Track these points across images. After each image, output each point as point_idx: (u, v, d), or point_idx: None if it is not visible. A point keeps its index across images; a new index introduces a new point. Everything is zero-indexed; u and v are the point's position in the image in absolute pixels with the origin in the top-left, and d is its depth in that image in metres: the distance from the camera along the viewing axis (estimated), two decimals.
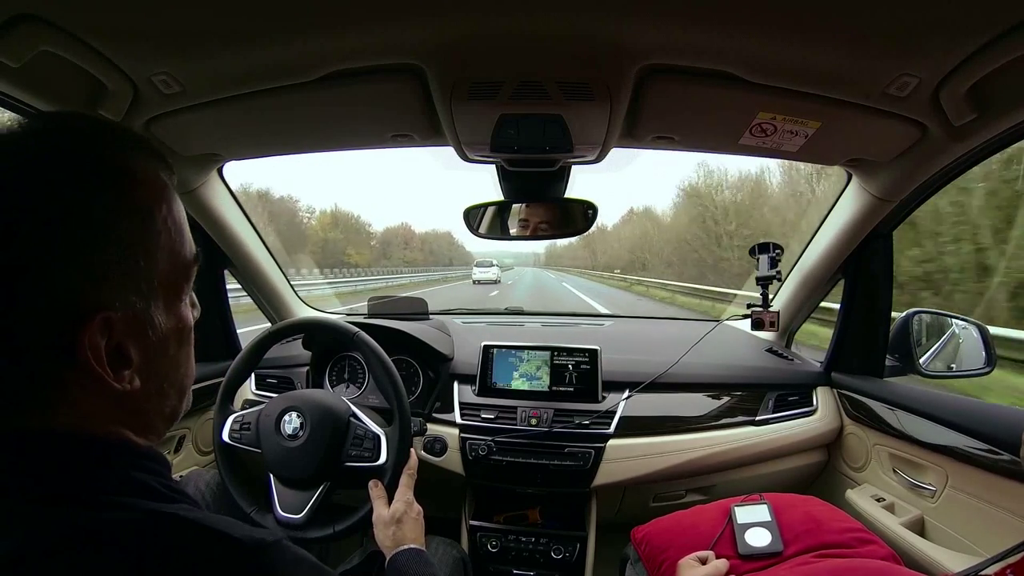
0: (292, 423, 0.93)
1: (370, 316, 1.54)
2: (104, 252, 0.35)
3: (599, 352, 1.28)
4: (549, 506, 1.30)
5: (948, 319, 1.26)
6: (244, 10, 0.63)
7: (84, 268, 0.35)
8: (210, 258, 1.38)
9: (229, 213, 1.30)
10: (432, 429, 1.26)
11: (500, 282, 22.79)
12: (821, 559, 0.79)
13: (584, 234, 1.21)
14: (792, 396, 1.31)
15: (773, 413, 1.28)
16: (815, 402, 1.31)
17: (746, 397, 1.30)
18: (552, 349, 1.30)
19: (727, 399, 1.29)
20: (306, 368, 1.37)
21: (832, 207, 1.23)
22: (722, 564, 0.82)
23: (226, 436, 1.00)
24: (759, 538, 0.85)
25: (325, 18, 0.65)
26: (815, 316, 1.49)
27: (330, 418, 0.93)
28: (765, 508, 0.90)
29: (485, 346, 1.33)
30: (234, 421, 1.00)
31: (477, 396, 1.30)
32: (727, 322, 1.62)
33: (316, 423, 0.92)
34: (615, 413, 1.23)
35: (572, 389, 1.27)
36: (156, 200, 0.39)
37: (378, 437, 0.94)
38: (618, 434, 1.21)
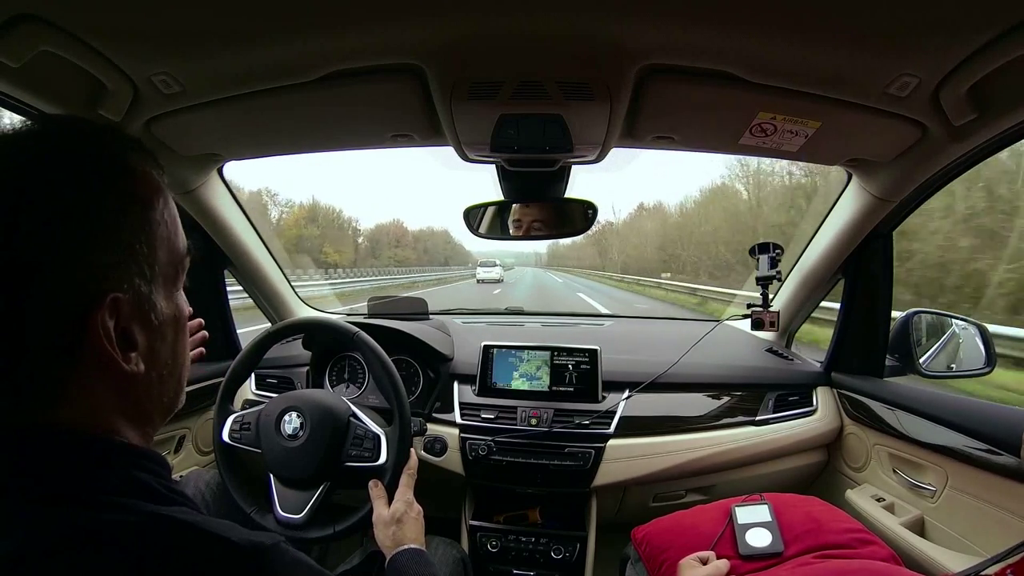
0: (292, 423, 0.93)
1: (370, 316, 1.54)
2: (112, 238, 0.38)
3: (599, 352, 1.28)
4: (549, 506, 1.30)
5: (948, 319, 1.26)
6: (244, 10, 0.63)
7: (92, 255, 0.37)
8: (210, 258, 1.38)
9: (229, 213, 1.30)
10: (432, 429, 1.26)
11: (503, 281, 23.57)
12: (822, 560, 0.79)
13: (586, 233, 1.21)
14: (792, 396, 1.31)
15: (773, 413, 1.28)
16: (815, 402, 1.31)
17: (746, 397, 1.30)
18: (552, 349, 1.30)
19: (727, 399, 1.29)
20: (306, 368, 1.37)
21: (832, 207, 1.23)
22: (723, 564, 0.82)
23: (226, 436, 1.00)
24: (760, 538, 0.85)
25: (325, 18, 0.65)
26: (813, 316, 1.49)
27: (330, 418, 0.93)
28: (766, 508, 0.90)
29: (485, 346, 1.33)
30: (234, 421, 1.00)
31: (477, 396, 1.30)
32: (727, 322, 1.62)
33: (316, 423, 0.92)
34: (615, 413, 1.23)
35: (572, 389, 1.27)
36: (154, 194, 0.42)
37: (378, 437, 0.94)
38: (618, 434, 1.21)
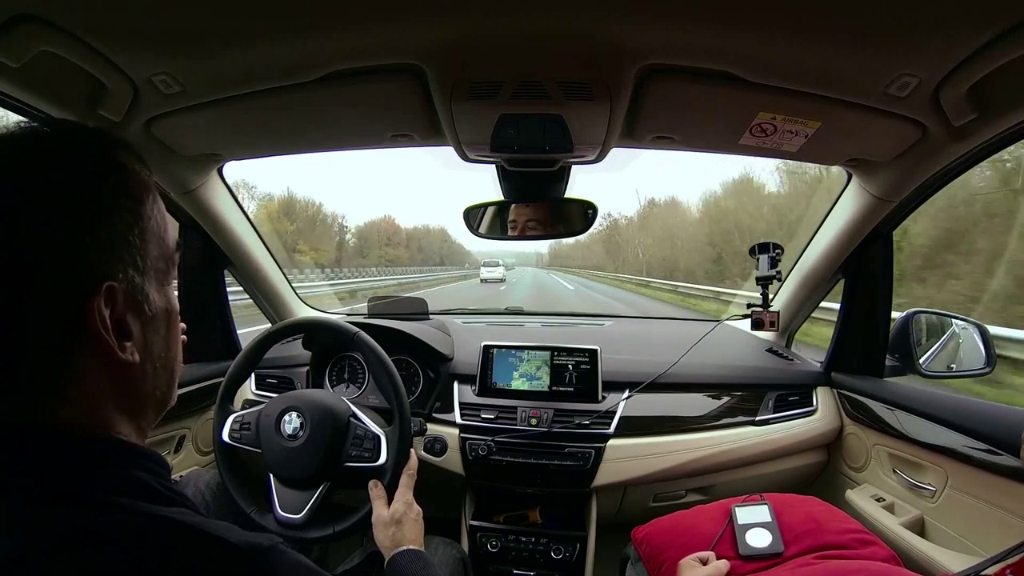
0: (292, 423, 0.93)
1: (370, 316, 1.54)
2: (106, 230, 0.39)
3: (599, 352, 1.28)
4: (549, 506, 1.29)
5: (948, 319, 1.26)
6: (244, 10, 0.63)
7: (88, 247, 0.38)
8: (210, 258, 1.38)
9: (229, 213, 1.30)
10: (432, 429, 1.26)
11: (505, 280, 24.34)
12: (822, 560, 0.79)
13: (588, 232, 1.20)
14: (792, 396, 1.31)
15: (773, 413, 1.28)
16: (815, 402, 1.31)
17: (746, 397, 1.30)
18: (552, 349, 1.30)
19: (727, 399, 1.29)
20: (306, 368, 1.37)
21: (832, 207, 1.23)
22: (723, 564, 0.82)
23: (226, 436, 0.99)
24: (760, 539, 0.85)
25: (325, 18, 0.65)
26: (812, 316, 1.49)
27: (330, 418, 0.93)
28: (766, 509, 0.90)
29: (485, 346, 1.33)
30: (234, 421, 1.00)
31: (477, 396, 1.30)
32: (727, 322, 1.62)
33: (316, 423, 0.92)
34: (615, 413, 1.23)
35: (572, 389, 1.27)
36: (145, 191, 0.44)
37: (378, 437, 0.94)
38: (618, 434, 1.21)
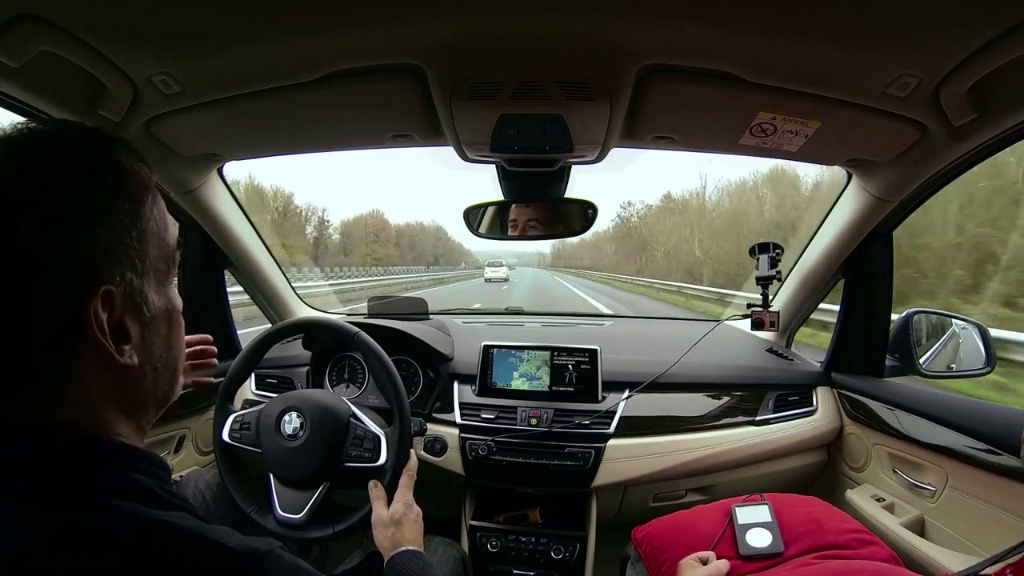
0: (292, 423, 0.93)
1: (370, 316, 1.54)
2: (104, 232, 0.39)
3: (599, 352, 1.28)
4: (549, 506, 1.29)
5: (948, 319, 1.26)
6: (244, 10, 0.63)
7: (86, 249, 0.38)
8: (210, 258, 1.38)
9: (229, 213, 1.30)
10: (432, 429, 1.26)
11: (509, 280, 25.50)
12: (822, 560, 0.79)
13: (585, 233, 1.20)
14: (792, 396, 1.30)
15: (773, 413, 1.28)
16: (815, 402, 1.31)
17: (746, 397, 1.30)
18: (552, 349, 1.30)
19: (727, 399, 1.29)
20: (306, 368, 1.37)
21: (832, 207, 1.23)
22: (723, 564, 0.82)
23: (226, 436, 0.99)
24: (760, 539, 0.85)
25: (325, 18, 0.65)
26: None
27: (330, 418, 0.93)
28: (766, 509, 0.90)
29: (485, 346, 1.33)
30: (234, 421, 1.00)
31: (477, 396, 1.30)
32: (727, 322, 1.62)
33: (316, 423, 0.92)
34: (615, 413, 1.23)
35: (572, 389, 1.27)
36: (144, 191, 0.43)
37: (378, 438, 0.94)
38: (618, 434, 1.21)
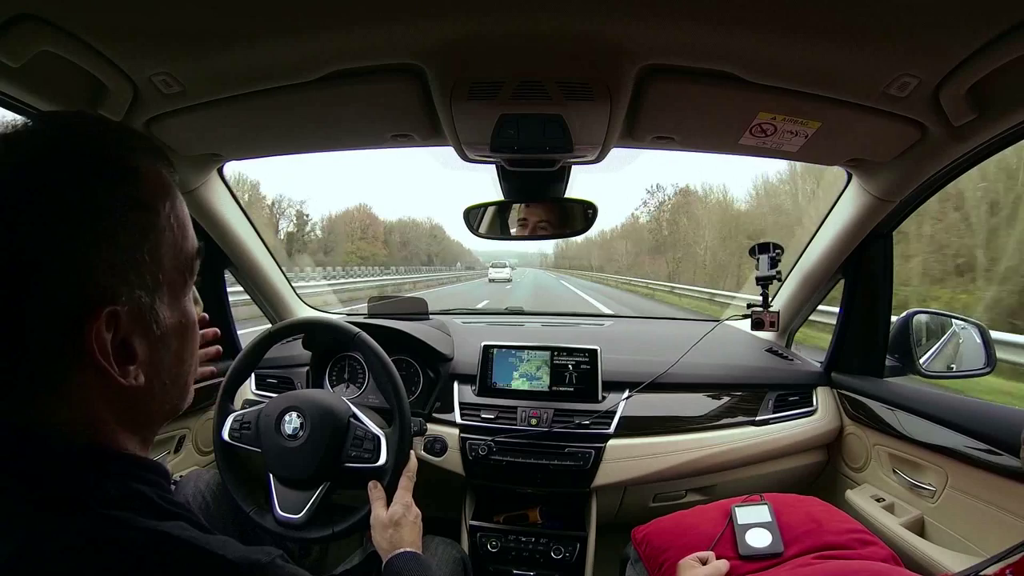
0: (292, 423, 0.93)
1: (370, 316, 1.54)
2: (111, 247, 0.36)
3: (599, 352, 1.28)
4: (549, 506, 1.29)
5: (948, 319, 1.26)
6: (244, 10, 0.63)
7: (91, 263, 0.35)
8: (210, 258, 1.38)
9: (229, 213, 1.30)
10: (432, 429, 1.26)
11: (512, 280, 26.44)
12: (822, 560, 0.79)
13: (585, 233, 1.20)
14: (792, 396, 1.30)
15: (773, 413, 1.27)
16: (815, 402, 1.31)
17: (746, 397, 1.30)
18: (552, 349, 1.30)
19: (727, 399, 1.29)
20: (306, 368, 1.37)
21: (832, 207, 1.23)
22: (723, 565, 0.82)
23: (226, 435, 0.99)
24: (760, 539, 0.85)
25: (325, 18, 0.65)
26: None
27: (330, 418, 0.93)
28: (766, 509, 0.90)
29: (485, 346, 1.32)
30: (234, 420, 1.00)
31: (477, 396, 1.30)
32: (727, 322, 1.62)
33: (316, 423, 0.92)
34: (615, 413, 1.23)
35: (572, 389, 1.27)
36: (160, 197, 0.39)
37: (378, 438, 0.94)
38: (618, 434, 1.21)
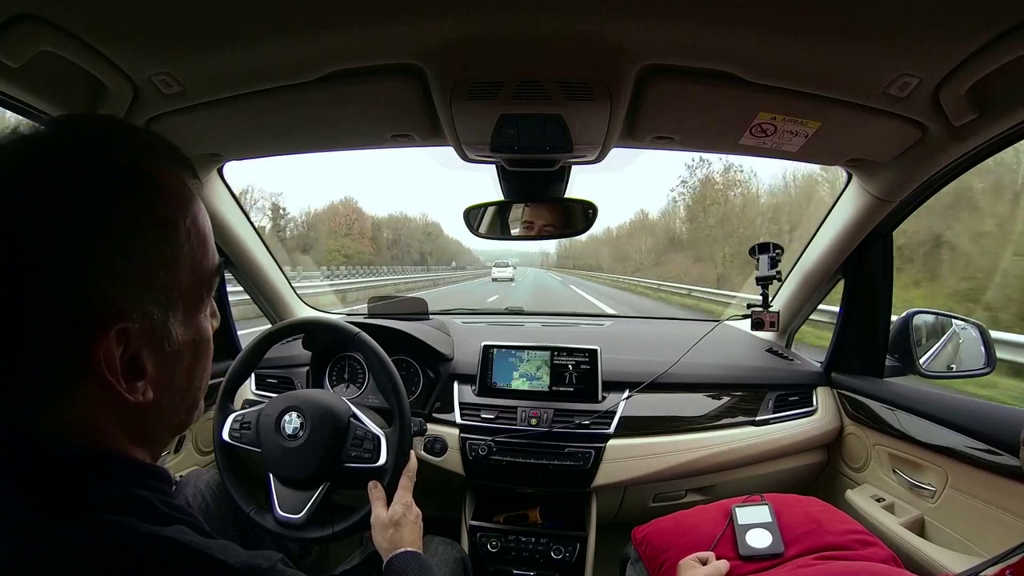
0: (292, 423, 0.93)
1: (370, 316, 1.54)
2: (124, 262, 0.34)
3: (599, 352, 1.28)
4: (549, 506, 1.29)
5: (948, 319, 1.26)
6: (244, 10, 0.63)
7: (102, 277, 0.34)
8: None
9: (229, 213, 1.30)
10: (432, 429, 1.26)
11: (515, 280, 26.88)
12: (822, 561, 0.79)
13: (585, 233, 1.20)
14: (792, 396, 1.30)
15: (773, 413, 1.27)
16: (815, 402, 1.31)
17: (746, 397, 1.30)
18: (552, 349, 1.30)
19: (727, 399, 1.29)
20: (306, 368, 1.37)
21: (832, 207, 1.23)
22: (723, 565, 0.82)
23: (226, 435, 0.99)
24: (760, 539, 0.85)
25: (325, 18, 0.65)
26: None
27: (330, 418, 0.93)
28: (766, 509, 0.90)
29: (485, 346, 1.32)
30: (234, 420, 1.00)
31: (477, 396, 1.30)
32: (727, 322, 1.62)
33: (316, 423, 0.92)
34: (615, 413, 1.23)
35: (572, 389, 1.27)
36: (180, 210, 0.38)
37: (378, 438, 0.94)
38: (618, 434, 1.21)
